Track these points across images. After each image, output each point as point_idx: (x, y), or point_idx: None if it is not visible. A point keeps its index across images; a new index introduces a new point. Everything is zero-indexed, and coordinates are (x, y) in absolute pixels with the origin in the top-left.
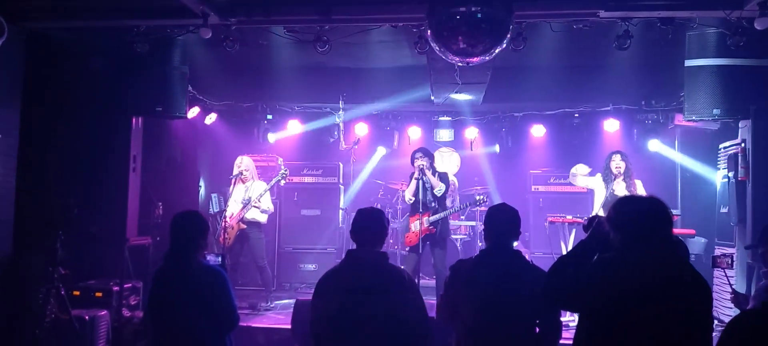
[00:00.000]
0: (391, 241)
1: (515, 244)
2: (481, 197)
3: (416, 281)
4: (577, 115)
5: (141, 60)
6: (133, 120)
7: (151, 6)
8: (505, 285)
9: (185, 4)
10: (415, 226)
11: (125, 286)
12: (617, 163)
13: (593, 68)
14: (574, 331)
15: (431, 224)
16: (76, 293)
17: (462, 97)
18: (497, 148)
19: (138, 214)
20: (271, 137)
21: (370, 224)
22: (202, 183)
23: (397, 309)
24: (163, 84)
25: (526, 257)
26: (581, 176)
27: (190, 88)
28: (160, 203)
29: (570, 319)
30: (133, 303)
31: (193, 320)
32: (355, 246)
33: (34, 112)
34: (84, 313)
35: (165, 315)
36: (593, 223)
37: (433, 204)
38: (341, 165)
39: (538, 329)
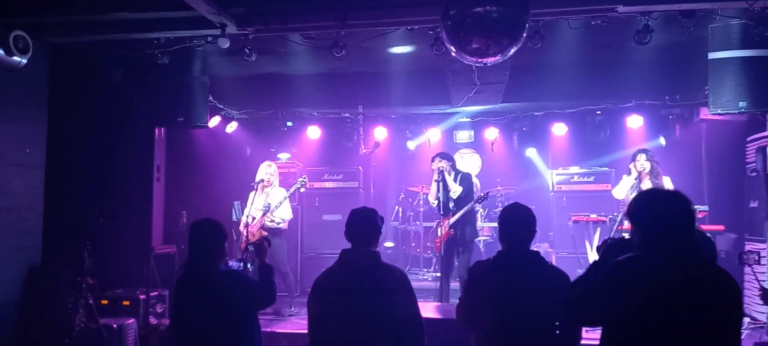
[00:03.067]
0: (413, 244)
1: (544, 246)
2: (483, 193)
3: (441, 284)
4: (598, 112)
5: (162, 71)
6: (156, 130)
7: (171, 18)
8: (522, 287)
9: (204, 16)
10: (441, 230)
11: (151, 294)
12: (642, 163)
13: (614, 64)
14: (596, 331)
15: (451, 226)
16: (104, 302)
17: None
18: (531, 152)
19: (163, 223)
20: (282, 156)
21: (362, 223)
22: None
23: (389, 308)
24: (185, 94)
25: (551, 257)
26: (622, 189)
27: (210, 97)
28: (184, 212)
29: None
30: (159, 311)
31: (216, 326)
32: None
33: (59, 125)
34: (112, 321)
35: (187, 323)
36: (605, 244)
37: (452, 207)
38: (361, 169)
39: (558, 332)
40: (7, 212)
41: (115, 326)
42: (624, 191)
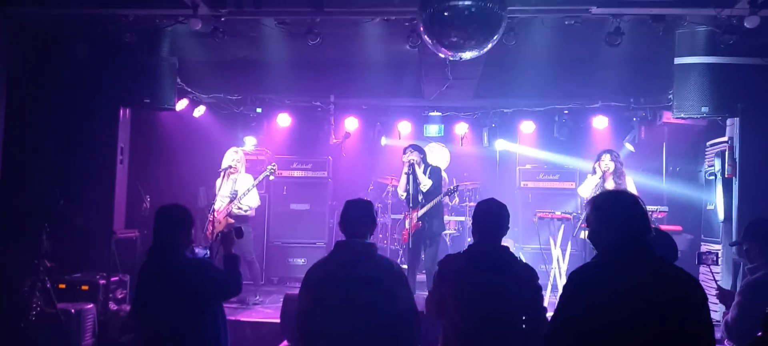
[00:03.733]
0: (380, 236)
1: (510, 242)
2: (452, 187)
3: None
4: (566, 111)
5: (129, 50)
6: (121, 111)
7: None
8: (492, 281)
9: None
10: (408, 222)
11: (112, 279)
12: (606, 163)
13: (583, 65)
14: None
15: (419, 219)
16: (62, 286)
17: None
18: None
19: (125, 207)
20: (248, 141)
21: (358, 214)
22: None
23: (386, 300)
24: (152, 75)
25: (515, 252)
26: (586, 187)
27: (178, 80)
28: (148, 196)
29: None
30: (119, 297)
31: (181, 314)
32: (343, 237)
33: (18, 101)
34: (70, 306)
35: (151, 310)
36: None
37: (421, 200)
38: (331, 159)
39: (524, 325)
40: None
41: (73, 310)
42: (588, 189)
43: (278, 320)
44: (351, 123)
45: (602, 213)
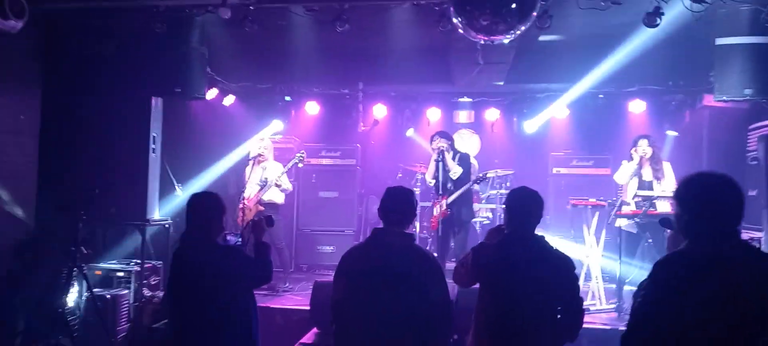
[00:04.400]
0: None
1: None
2: (482, 174)
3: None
4: (601, 95)
5: (160, 41)
6: (153, 101)
7: None
8: (527, 271)
9: None
10: (436, 210)
11: (146, 266)
12: (644, 148)
13: (618, 48)
14: (595, 315)
15: (448, 206)
16: (98, 272)
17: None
18: (527, 126)
19: (158, 194)
20: (279, 124)
21: (399, 203)
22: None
23: (421, 292)
24: (182, 65)
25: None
26: (623, 174)
27: (208, 69)
28: (180, 184)
29: (590, 303)
30: (153, 283)
31: (213, 300)
32: (381, 225)
33: (55, 92)
34: (106, 292)
35: (185, 296)
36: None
37: (450, 187)
38: (359, 147)
39: (559, 316)
40: (1, 179)
41: (108, 296)
42: (625, 176)
43: (308, 307)
44: (379, 110)
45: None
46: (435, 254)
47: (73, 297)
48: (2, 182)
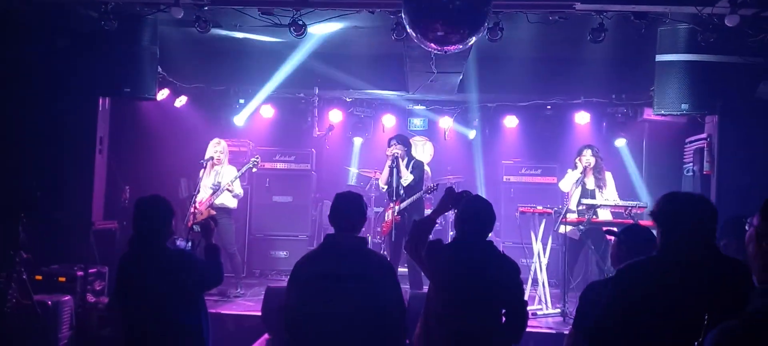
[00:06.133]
0: (363, 229)
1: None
2: (434, 185)
3: None
4: (549, 106)
5: (109, 39)
6: (100, 101)
7: None
8: (475, 275)
9: None
10: (388, 215)
11: (90, 271)
12: (588, 158)
13: (566, 61)
14: (541, 319)
15: (398, 213)
16: (39, 277)
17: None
18: (472, 133)
19: (104, 197)
20: (239, 120)
21: (348, 208)
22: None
23: (374, 296)
24: (132, 64)
25: (499, 246)
26: (567, 182)
27: (160, 69)
28: (128, 187)
29: (537, 307)
30: (98, 288)
31: (163, 305)
32: (332, 231)
33: None
34: (47, 298)
35: (133, 302)
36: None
37: (402, 193)
38: (314, 151)
39: (504, 319)
40: None
41: (49, 302)
42: (569, 183)
43: (260, 313)
44: (335, 115)
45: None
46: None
47: (12, 303)
48: None
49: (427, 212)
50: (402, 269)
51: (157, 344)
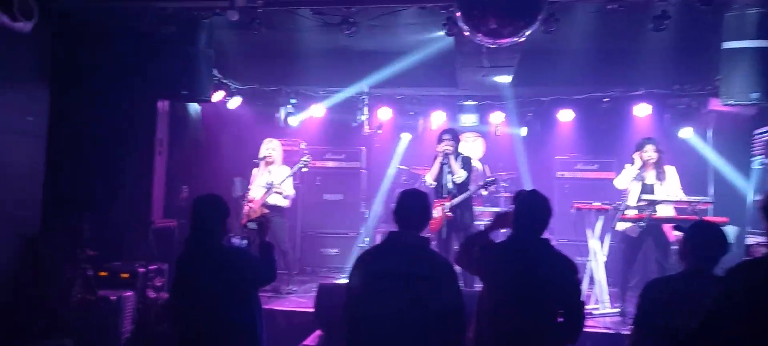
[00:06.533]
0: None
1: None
2: (491, 178)
3: None
4: (606, 99)
5: (167, 43)
6: (159, 103)
7: None
8: (528, 273)
9: None
10: (437, 212)
11: (150, 268)
12: (650, 153)
13: (625, 51)
14: (595, 319)
15: (450, 209)
16: (103, 273)
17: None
18: (523, 131)
19: (163, 196)
20: (293, 120)
21: (414, 206)
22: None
23: (436, 297)
24: (189, 67)
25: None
26: (624, 179)
27: (215, 71)
28: (185, 186)
29: (594, 307)
30: (158, 285)
31: (218, 302)
32: (390, 227)
33: (62, 94)
34: (110, 293)
35: (190, 298)
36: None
37: (452, 190)
38: (364, 149)
39: (561, 318)
40: (6, 179)
41: (113, 298)
42: (626, 181)
43: (312, 310)
44: (384, 113)
45: None
46: None
47: (77, 298)
48: (10, 182)
49: (480, 208)
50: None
51: (212, 340)
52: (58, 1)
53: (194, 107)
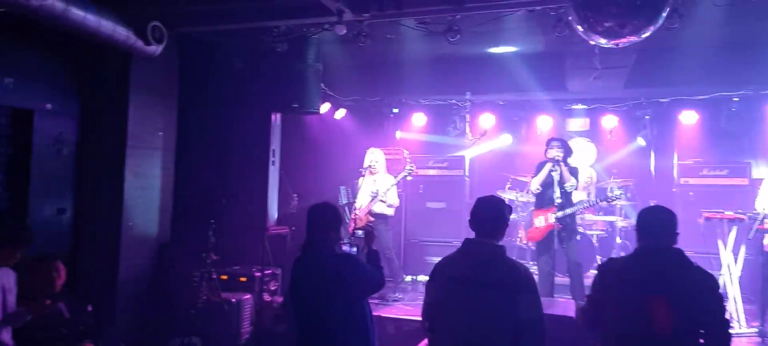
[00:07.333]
0: (521, 235)
1: None
2: (620, 191)
3: (551, 279)
4: (736, 98)
5: (279, 59)
6: (273, 116)
7: (291, 5)
8: (661, 288)
9: (322, 3)
10: (540, 221)
11: (266, 272)
12: None
13: (756, 46)
14: (734, 339)
15: (557, 220)
16: (224, 277)
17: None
18: (641, 141)
19: (277, 205)
20: (398, 134)
21: (490, 213)
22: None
23: (511, 307)
24: (299, 81)
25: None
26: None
27: (322, 84)
28: (296, 195)
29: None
30: (272, 288)
31: (333, 306)
32: (473, 235)
33: (188, 109)
34: (231, 296)
35: (304, 303)
36: None
37: (559, 200)
38: (467, 157)
39: (702, 339)
40: (144, 190)
41: (234, 300)
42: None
43: (419, 318)
44: (487, 120)
45: None
46: (534, 268)
47: (203, 300)
48: (149, 193)
49: (594, 217)
50: (563, 279)
51: (326, 341)
52: (183, 24)
53: (303, 119)
